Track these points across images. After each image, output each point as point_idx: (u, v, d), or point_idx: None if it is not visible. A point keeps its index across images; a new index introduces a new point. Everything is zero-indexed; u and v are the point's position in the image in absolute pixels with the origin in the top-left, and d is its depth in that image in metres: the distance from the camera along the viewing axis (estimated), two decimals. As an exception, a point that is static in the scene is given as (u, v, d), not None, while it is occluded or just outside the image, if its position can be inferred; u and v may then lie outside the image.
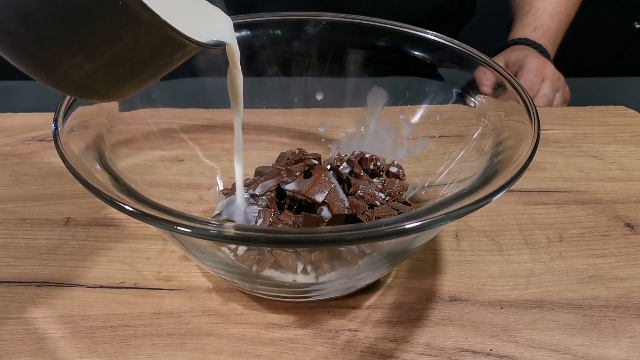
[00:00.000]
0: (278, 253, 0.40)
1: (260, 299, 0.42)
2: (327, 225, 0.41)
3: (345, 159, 0.49)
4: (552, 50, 0.86)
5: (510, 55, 0.83)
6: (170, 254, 0.46)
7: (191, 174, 0.50)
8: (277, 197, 0.44)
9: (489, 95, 0.45)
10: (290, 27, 0.52)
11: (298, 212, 0.43)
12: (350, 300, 0.42)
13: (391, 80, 0.53)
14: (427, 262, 0.46)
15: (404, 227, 0.29)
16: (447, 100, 0.49)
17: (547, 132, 0.65)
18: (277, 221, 0.42)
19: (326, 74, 0.54)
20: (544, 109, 0.72)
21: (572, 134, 0.65)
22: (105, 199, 0.30)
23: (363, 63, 0.53)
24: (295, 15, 0.51)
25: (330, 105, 0.55)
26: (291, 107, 0.55)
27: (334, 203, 0.41)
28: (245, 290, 0.42)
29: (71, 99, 0.38)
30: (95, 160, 0.36)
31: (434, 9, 0.92)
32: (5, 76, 0.66)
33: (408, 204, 0.46)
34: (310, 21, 0.51)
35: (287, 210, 0.43)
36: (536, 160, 0.34)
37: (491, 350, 0.38)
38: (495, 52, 0.88)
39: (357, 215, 0.41)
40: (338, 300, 0.42)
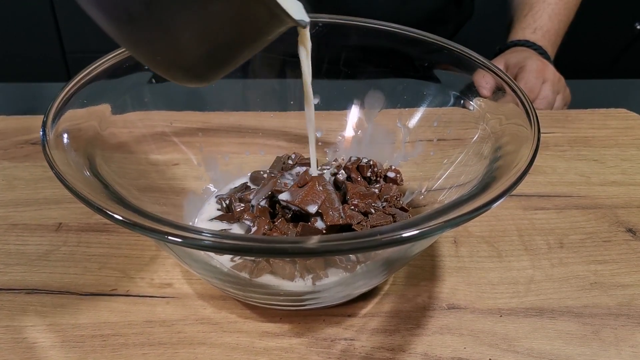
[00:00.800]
0: (274, 261, 0.39)
1: (254, 307, 0.41)
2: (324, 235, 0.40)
3: (342, 165, 0.48)
4: (552, 51, 0.85)
5: (511, 56, 0.82)
6: (163, 261, 0.45)
7: (185, 178, 0.49)
8: (270, 205, 0.43)
9: (488, 98, 0.44)
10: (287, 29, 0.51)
11: (292, 221, 0.42)
12: (346, 308, 0.41)
13: (389, 83, 0.52)
14: (425, 269, 0.45)
15: (400, 236, 0.28)
16: (446, 104, 0.48)
17: (548, 135, 0.64)
18: (273, 229, 0.41)
19: (323, 76, 0.53)
20: (545, 112, 0.72)
21: (572, 137, 0.64)
22: (93, 207, 0.29)
23: (360, 65, 0.52)
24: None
25: (327, 108, 0.54)
26: (287, 110, 0.55)
27: (328, 213, 0.40)
28: (239, 298, 0.41)
29: (61, 103, 0.38)
30: (85, 166, 0.35)
31: (432, 10, 0.91)
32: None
33: (405, 209, 0.45)
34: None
35: (282, 218, 0.42)
36: (536, 164, 0.34)
37: (490, 360, 0.37)
38: (495, 54, 0.87)
39: (353, 226, 0.40)
40: (334, 308, 0.41)
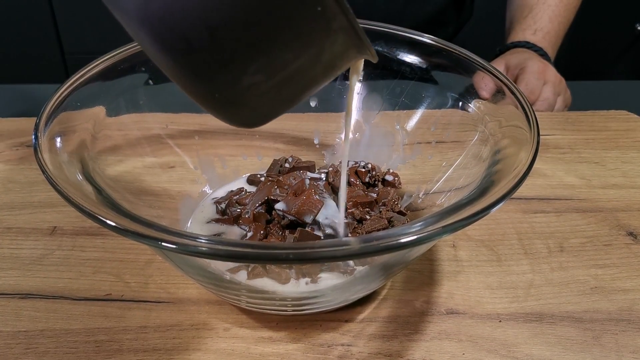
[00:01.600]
0: (270, 267, 0.39)
1: (250, 312, 0.40)
2: None
3: (339, 171, 0.48)
4: (552, 53, 0.85)
5: (511, 58, 0.81)
6: (159, 265, 0.44)
7: (181, 181, 0.49)
8: (266, 210, 0.43)
9: (488, 100, 0.44)
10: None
11: (289, 228, 0.41)
12: (344, 313, 0.40)
13: (387, 85, 0.51)
14: (423, 273, 0.44)
15: (398, 241, 0.27)
16: (444, 106, 0.48)
17: (548, 137, 0.64)
18: (270, 236, 0.41)
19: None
20: (545, 114, 0.71)
21: (573, 140, 0.63)
22: (84, 213, 0.29)
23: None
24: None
25: (325, 110, 0.53)
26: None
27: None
28: (235, 303, 0.40)
29: (55, 105, 0.37)
30: (78, 170, 0.35)
31: (432, 13, 0.91)
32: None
33: (403, 213, 0.45)
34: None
35: (278, 224, 0.42)
36: (536, 166, 0.33)
37: (489, 366, 0.37)
38: (495, 56, 0.87)
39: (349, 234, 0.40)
40: (331, 314, 0.40)
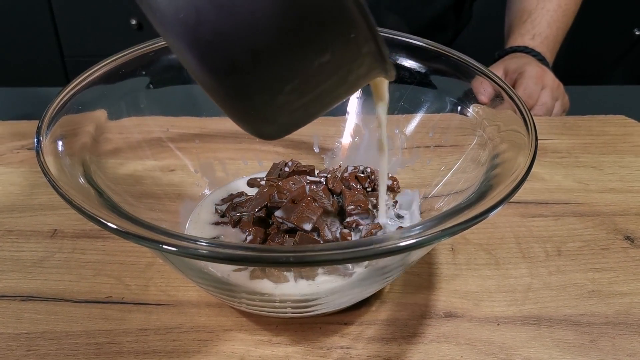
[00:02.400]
0: (269, 270, 0.39)
1: (250, 315, 0.40)
2: None
3: (337, 177, 0.48)
4: (550, 58, 0.85)
5: (510, 62, 0.82)
6: (159, 268, 0.44)
7: (182, 184, 0.49)
8: (266, 214, 0.43)
9: (486, 105, 0.44)
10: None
11: (288, 232, 0.42)
12: (343, 316, 0.41)
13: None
14: (422, 277, 0.44)
15: (397, 245, 0.28)
16: (443, 110, 0.48)
17: (546, 141, 0.64)
18: (269, 240, 0.41)
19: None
20: (543, 118, 0.72)
21: (570, 144, 0.64)
22: (86, 215, 0.29)
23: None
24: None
25: (324, 114, 0.54)
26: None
27: (324, 229, 0.40)
28: (235, 306, 0.40)
29: (57, 108, 0.37)
30: (79, 173, 0.35)
31: (431, 18, 0.91)
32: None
33: (402, 216, 0.45)
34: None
35: (277, 229, 0.42)
36: (534, 170, 0.34)
37: (487, 369, 0.37)
38: (494, 60, 0.87)
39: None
40: (330, 317, 0.40)
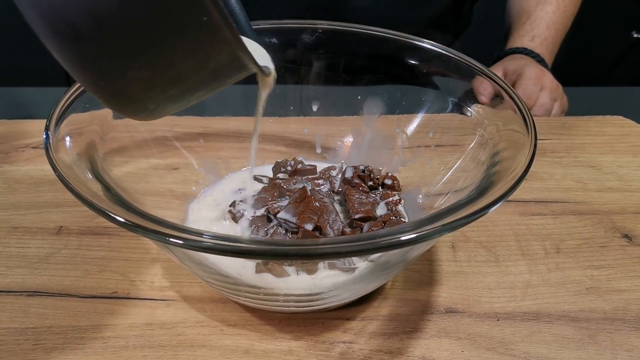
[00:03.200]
0: (272, 264, 0.39)
1: (254, 310, 0.41)
2: None
3: (339, 174, 0.49)
4: (549, 59, 0.86)
5: (509, 64, 0.83)
6: (164, 264, 0.45)
7: (185, 182, 0.49)
8: (268, 212, 0.44)
9: (486, 104, 0.44)
10: (287, 36, 0.51)
11: (290, 232, 0.43)
12: (345, 311, 0.41)
13: (387, 89, 0.52)
14: (423, 273, 0.45)
15: (399, 239, 0.28)
16: (444, 110, 0.49)
17: (545, 141, 0.65)
18: (272, 235, 0.42)
19: (322, 82, 0.53)
20: (542, 119, 0.72)
21: (569, 144, 0.64)
22: (96, 210, 0.30)
23: (359, 72, 0.53)
24: (292, 24, 0.51)
25: (326, 114, 0.54)
26: (287, 115, 0.55)
27: (325, 227, 0.41)
28: (240, 300, 0.41)
29: (64, 106, 0.38)
30: (87, 169, 0.36)
31: (431, 19, 0.92)
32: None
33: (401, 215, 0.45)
34: (307, 29, 0.51)
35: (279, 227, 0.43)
36: (533, 170, 0.34)
37: (487, 363, 0.38)
38: (493, 61, 0.88)
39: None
40: (332, 312, 0.41)
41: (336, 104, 0.55)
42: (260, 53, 0.38)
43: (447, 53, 0.47)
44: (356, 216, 0.43)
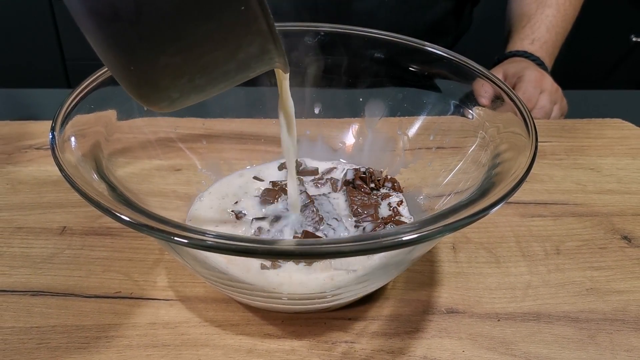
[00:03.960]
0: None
1: (256, 310, 0.41)
2: None
3: (337, 181, 0.49)
4: (549, 62, 0.86)
5: (509, 67, 0.83)
6: (167, 264, 0.45)
7: (188, 183, 0.50)
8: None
9: (487, 107, 0.45)
10: (289, 38, 0.52)
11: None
12: (347, 311, 0.42)
13: (389, 92, 0.53)
14: (424, 274, 0.45)
15: (401, 239, 0.28)
16: (445, 112, 0.49)
17: (545, 144, 0.65)
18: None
19: (324, 84, 0.54)
20: (541, 121, 0.73)
21: (569, 146, 0.65)
22: (102, 209, 0.30)
23: (361, 74, 0.53)
24: (294, 26, 0.52)
25: (328, 116, 0.55)
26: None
27: (327, 229, 0.42)
28: (243, 300, 0.41)
29: (69, 107, 0.38)
30: (92, 169, 0.36)
31: (432, 22, 0.92)
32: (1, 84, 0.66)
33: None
34: (309, 32, 0.52)
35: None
36: (533, 172, 0.34)
37: (488, 363, 0.38)
38: (493, 64, 0.88)
39: None
40: (334, 312, 0.41)
41: (338, 106, 0.55)
42: None
43: (448, 56, 0.47)
44: (358, 217, 0.43)
